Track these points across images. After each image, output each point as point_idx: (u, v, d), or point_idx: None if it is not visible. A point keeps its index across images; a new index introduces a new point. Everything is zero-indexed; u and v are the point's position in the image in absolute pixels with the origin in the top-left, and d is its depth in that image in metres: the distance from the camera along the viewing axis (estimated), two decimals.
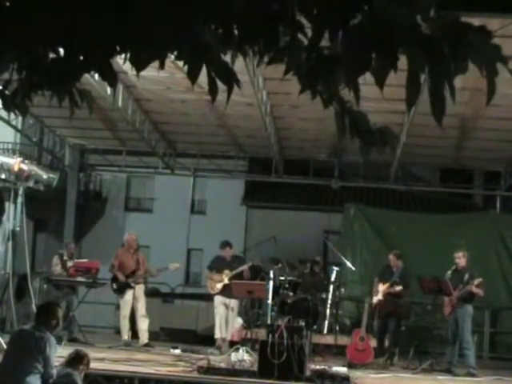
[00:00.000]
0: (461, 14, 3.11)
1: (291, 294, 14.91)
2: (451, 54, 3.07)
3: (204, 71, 3.49)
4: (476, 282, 13.09)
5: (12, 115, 13.85)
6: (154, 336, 14.98)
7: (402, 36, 3.03)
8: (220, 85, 3.55)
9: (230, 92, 3.57)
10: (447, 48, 3.06)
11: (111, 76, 3.68)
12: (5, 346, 9.18)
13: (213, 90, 3.54)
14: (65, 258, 14.95)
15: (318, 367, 11.31)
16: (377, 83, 3.15)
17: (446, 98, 3.15)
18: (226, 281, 14.18)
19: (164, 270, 14.69)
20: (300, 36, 3.38)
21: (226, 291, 14.20)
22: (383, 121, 4.48)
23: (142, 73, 3.46)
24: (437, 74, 3.09)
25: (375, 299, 13.92)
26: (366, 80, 3.23)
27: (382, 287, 13.87)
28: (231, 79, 3.56)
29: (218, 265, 14.49)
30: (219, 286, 14.26)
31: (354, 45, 3.11)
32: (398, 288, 13.74)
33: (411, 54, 3.08)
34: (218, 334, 14.25)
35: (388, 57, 3.09)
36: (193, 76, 3.44)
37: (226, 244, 14.56)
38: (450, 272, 13.35)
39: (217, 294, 14.32)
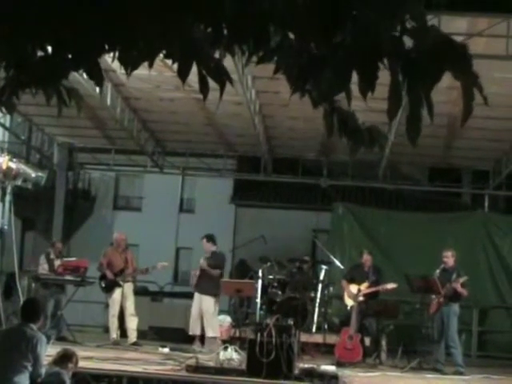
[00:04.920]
0: (451, 14, 3.15)
1: (280, 292, 14.92)
2: (429, 75, 3.09)
3: (193, 70, 3.48)
4: (461, 280, 13.13)
5: None
6: (142, 335, 14.98)
7: (385, 52, 3.04)
8: (209, 83, 3.54)
9: (222, 90, 3.56)
10: (426, 67, 3.08)
11: (98, 75, 3.67)
12: None
13: (204, 89, 3.53)
14: (52, 256, 14.92)
15: (306, 366, 11.30)
16: (361, 94, 3.18)
17: (421, 117, 3.17)
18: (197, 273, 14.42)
19: (153, 268, 14.71)
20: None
21: (197, 286, 14.39)
22: (372, 120, 4.48)
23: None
24: (414, 91, 3.11)
25: (350, 301, 13.94)
26: (354, 79, 3.24)
27: (361, 288, 13.87)
28: (223, 77, 3.55)
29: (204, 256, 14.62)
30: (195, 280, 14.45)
31: (335, 62, 3.12)
32: (391, 286, 13.79)
33: (393, 70, 3.09)
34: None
35: (367, 78, 3.11)
36: (183, 75, 3.43)
37: (203, 236, 14.70)
38: (438, 271, 13.38)
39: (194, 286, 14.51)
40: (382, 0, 3.06)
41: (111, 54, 3.50)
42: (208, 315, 14.12)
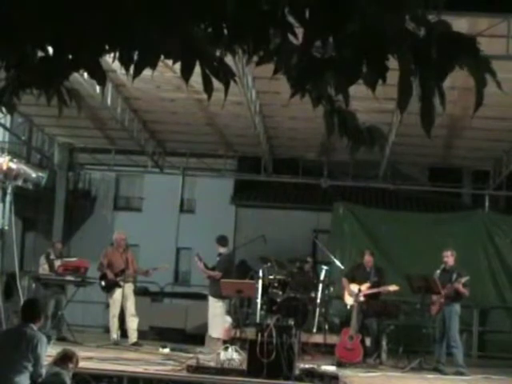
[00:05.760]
0: (451, 14, 3.15)
1: (280, 292, 14.91)
2: (441, 64, 3.08)
3: (194, 70, 3.48)
4: (463, 280, 13.13)
5: (0, 114, 13.80)
6: (142, 335, 14.97)
7: (394, 43, 3.04)
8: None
9: (227, 89, 3.55)
10: (438, 56, 3.07)
11: (100, 75, 3.67)
12: None
13: (208, 88, 3.52)
14: (52, 257, 14.92)
15: (307, 366, 11.32)
16: (368, 87, 3.17)
17: (434, 107, 3.16)
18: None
19: (154, 270, 14.74)
20: (290, 37, 3.38)
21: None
22: (372, 120, 4.48)
23: (130, 71, 3.46)
24: (426, 81, 3.10)
25: (350, 300, 13.94)
26: None
27: (362, 288, 13.85)
28: (228, 76, 3.55)
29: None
30: None
31: (344, 55, 3.12)
32: (392, 288, 13.81)
33: (403, 60, 3.09)
34: None
35: (378, 68, 3.10)
36: (186, 74, 3.42)
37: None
38: (438, 271, 13.39)
39: None
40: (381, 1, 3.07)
41: (111, 55, 3.50)
42: (211, 316, 14.14)
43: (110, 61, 3.60)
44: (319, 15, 3.09)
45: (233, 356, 10.97)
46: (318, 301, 15.62)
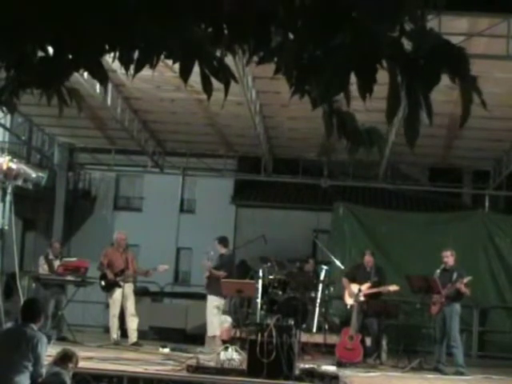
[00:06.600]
0: (451, 14, 3.15)
1: (280, 292, 14.91)
2: (429, 76, 3.09)
3: (195, 70, 3.48)
4: (465, 280, 13.14)
5: (0, 113, 13.80)
6: (142, 335, 14.98)
7: (384, 54, 3.04)
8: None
9: (227, 89, 3.55)
10: (427, 69, 3.07)
11: (102, 74, 3.67)
12: None
13: (207, 88, 3.52)
14: (50, 257, 14.92)
15: (307, 366, 11.31)
16: (360, 96, 3.19)
17: (420, 120, 3.17)
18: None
19: (153, 270, 14.74)
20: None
21: (206, 286, 14.54)
22: (372, 120, 4.48)
23: (130, 71, 3.46)
24: (414, 93, 3.10)
25: (350, 300, 13.94)
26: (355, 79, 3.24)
27: (362, 287, 13.84)
28: (227, 75, 3.55)
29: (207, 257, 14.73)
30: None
31: (334, 64, 3.12)
32: (393, 288, 13.80)
33: (392, 72, 3.09)
34: None
35: (366, 80, 3.11)
36: (185, 74, 3.43)
37: (216, 238, 14.78)
38: (438, 271, 13.39)
39: None
40: (381, 2, 3.06)
41: (111, 55, 3.50)
42: (209, 313, 14.15)
43: (110, 61, 3.60)
44: (310, 23, 3.09)
45: (233, 356, 10.96)
46: (318, 301, 15.63)
